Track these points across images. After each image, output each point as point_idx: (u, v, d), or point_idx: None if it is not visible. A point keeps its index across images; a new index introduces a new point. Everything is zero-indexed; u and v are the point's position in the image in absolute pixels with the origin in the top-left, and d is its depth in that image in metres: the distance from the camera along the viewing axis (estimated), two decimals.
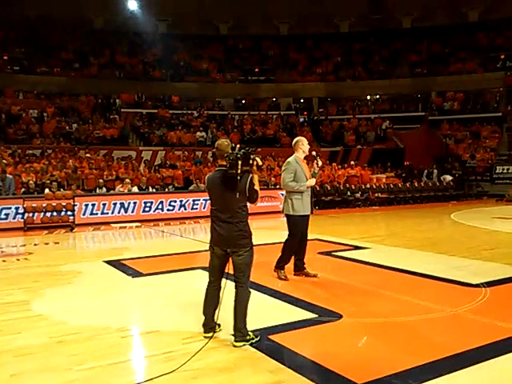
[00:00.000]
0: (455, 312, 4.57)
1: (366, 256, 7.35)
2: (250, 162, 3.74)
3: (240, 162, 3.65)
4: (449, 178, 19.15)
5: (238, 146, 3.79)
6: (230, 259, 3.89)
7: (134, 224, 12.07)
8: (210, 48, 26.74)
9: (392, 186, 17.76)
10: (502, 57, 24.16)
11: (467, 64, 24.48)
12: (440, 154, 21.77)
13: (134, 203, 12.69)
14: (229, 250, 3.82)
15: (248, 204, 3.90)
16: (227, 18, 26.39)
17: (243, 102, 25.65)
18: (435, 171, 19.69)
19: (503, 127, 21.88)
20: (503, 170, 19.56)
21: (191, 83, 24.54)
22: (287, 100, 25.85)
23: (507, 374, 3.33)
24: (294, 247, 5.92)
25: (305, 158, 6.01)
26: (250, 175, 3.80)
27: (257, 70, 26.69)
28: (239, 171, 3.67)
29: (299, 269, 6.02)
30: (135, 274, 6.40)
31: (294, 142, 6.00)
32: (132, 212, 12.64)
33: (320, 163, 6.01)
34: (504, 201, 17.26)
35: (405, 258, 7.23)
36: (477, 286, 5.48)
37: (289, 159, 5.96)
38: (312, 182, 5.84)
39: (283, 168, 5.99)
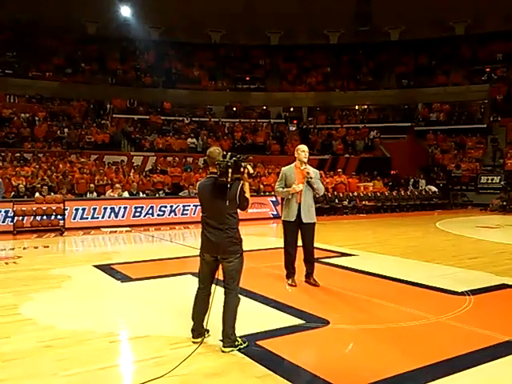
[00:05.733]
0: (440, 319, 4.63)
1: (352, 263, 7.44)
2: (241, 169, 3.78)
3: (230, 170, 3.70)
4: (433, 188, 19.31)
5: (230, 153, 3.82)
6: (220, 265, 3.92)
7: (124, 229, 12.07)
8: (202, 56, 26.86)
9: (379, 194, 17.94)
10: (488, 70, 24.61)
11: (453, 76, 24.88)
12: (425, 163, 22.03)
13: (125, 208, 12.70)
14: (219, 257, 3.84)
15: (238, 211, 3.94)
16: (219, 27, 26.57)
17: (234, 109, 25.78)
18: (422, 181, 19.90)
19: (488, 138, 22.16)
20: (487, 180, 19.81)
21: (183, 90, 24.62)
22: (277, 108, 26.04)
23: (489, 383, 3.37)
24: (285, 252, 6.04)
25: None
26: (241, 183, 3.84)
27: (247, 78, 26.87)
28: (229, 179, 3.71)
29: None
30: (124, 278, 6.40)
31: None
32: (122, 217, 12.65)
33: (310, 170, 5.79)
34: (488, 210, 17.48)
35: (391, 266, 7.32)
36: (461, 293, 5.55)
37: (284, 166, 6.12)
38: (294, 188, 5.73)
39: None
